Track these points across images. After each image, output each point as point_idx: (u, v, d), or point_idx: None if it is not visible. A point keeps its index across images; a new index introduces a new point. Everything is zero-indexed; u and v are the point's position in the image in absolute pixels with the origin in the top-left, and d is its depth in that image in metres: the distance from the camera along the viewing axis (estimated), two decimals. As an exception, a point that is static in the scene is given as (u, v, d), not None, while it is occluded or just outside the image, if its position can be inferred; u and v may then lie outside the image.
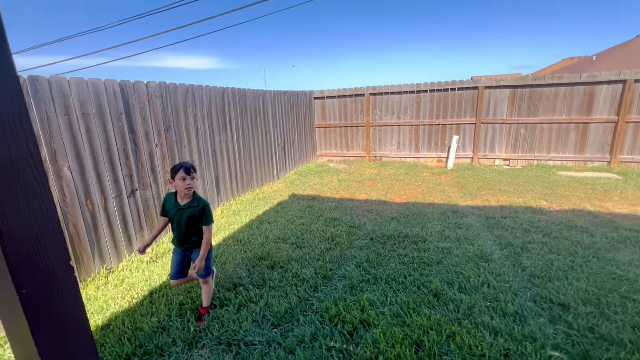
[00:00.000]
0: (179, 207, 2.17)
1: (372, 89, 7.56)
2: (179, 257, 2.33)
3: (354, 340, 2.07)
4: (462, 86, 6.92)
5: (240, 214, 4.57)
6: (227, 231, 3.98)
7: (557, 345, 1.92)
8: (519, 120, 6.72)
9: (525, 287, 2.55)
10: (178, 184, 2.13)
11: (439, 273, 2.81)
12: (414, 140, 7.58)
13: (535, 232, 3.54)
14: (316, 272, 2.93)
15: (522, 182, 5.55)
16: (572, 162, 6.56)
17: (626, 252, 3.04)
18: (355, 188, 5.75)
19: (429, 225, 3.89)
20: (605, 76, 6.04)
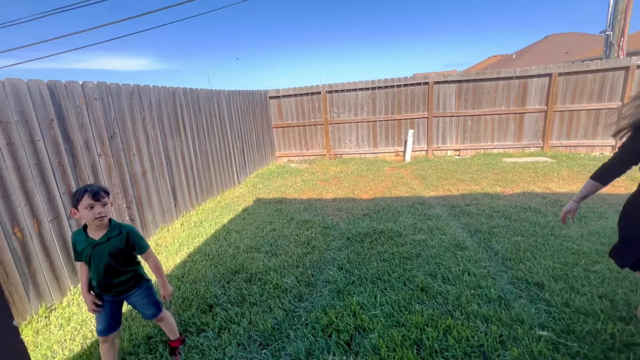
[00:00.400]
0: (95, 243, 1.66)
1: (328, 87, 7.53)
2: (109, 306, 1.78)
3: (353, 349, 1.95)
4: (413, 82, 7.21)
5: (204, 224, 4.20)
6: (192, 245, 3.61)
7: (542, 325, 2.01)
8: (466, 113, 7.20)
9: (501, 271, 2.67)
10: (84, 215, 1.61)
11: (420, 266, 2.82)
12: (372, 136, 7.73)
13: (498, 217, 3.76)
14: (298, 280, 2.77)
15: (475, 170, 5.94)
16: (513, 149, 7.22)
17: (575, 228, 3.36)
18: (321, 187, 5.65)
19: (401, 219, 3.94)
20: (535, 70, 6.72)
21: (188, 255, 3.38)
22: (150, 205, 3.77)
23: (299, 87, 7.70)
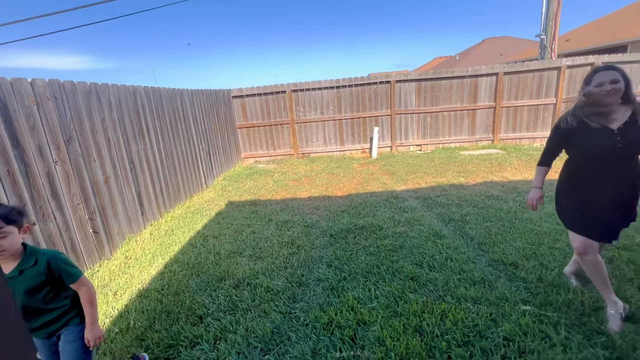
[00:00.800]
0: (5, 278, 1.32)
1: (293, 86, 7.48)
2: (45, 352, 1.48)
3: (358, 343, 1.97)
4: (376, 81, 7.45)
5: (176, 232, 3.93)
6: (166, 255, 3.37)
7: (524, 300, 2.21)
8: (425, 110, 7.61)
9: (479, 255, 2.87)
10: None
11: (406, 257, 2.93)
12: (339, 134, 7.84)
13: (466, 205, 4.04)
14: (289, 281, 2.72)
15: (438, 163, 6.31)
16: (468, 143, 7.79)
17: (533, 212, 3.72)
18: (294, 187, 5.60)
19: (379, 213, 4.05)
20: (484, 70, 7.32)
21: (164, 266, 3.14)
22: (115, 215, 3.44)
23: (263, 86, 7.55)
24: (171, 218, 4.41)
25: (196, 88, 5.67)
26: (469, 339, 1.91)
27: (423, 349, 1.85)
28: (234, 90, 7.54)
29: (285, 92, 7.51)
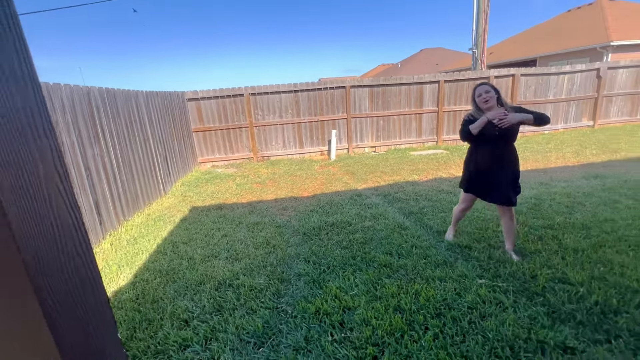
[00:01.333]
0: None
1: (251, 89, 7.47)
2: None
3: (347, 326, 2.15)
4: (332, 86, 7.78)
5: (140, 241, 3.73)
6: (134, 265, 3.20)
7: (480, 275, 2.59)
8: (378, 114, 8.15)
9: (439, 241, 3.25)
10: None
11: (377, 248, 3.19)
12: (298, 137, 8.00)
13: (422, 200, 4.48)
14: (270, 278, 2.80)
15: (392, 163, 6.82)
16: (416, 144, 8.50)
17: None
18: (259, 190, 5.62)
19: (346, 210, 4.30)
20: (427, 78, 8.08)
21: (134, 276, 3.00)
22: (71, 226, 3.17)
23: (220, 89, 7.40)
24: (131, 226, 4.16)
25: (151, 90, 5.39)
26: (440, 311, 2.20)
27: (404, 323, 2.10)
28: (189, 92, 7.27)
29: (243, 95, 7.46)
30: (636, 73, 8.95)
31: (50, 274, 0.50)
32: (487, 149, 2.70)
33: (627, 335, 1.87)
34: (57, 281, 0.52)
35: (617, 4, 15.95)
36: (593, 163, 5.79)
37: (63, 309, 0.52)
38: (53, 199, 0.56)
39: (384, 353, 1.90)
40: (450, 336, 1.98)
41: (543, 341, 1.87)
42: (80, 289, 0.56)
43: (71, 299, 0.54)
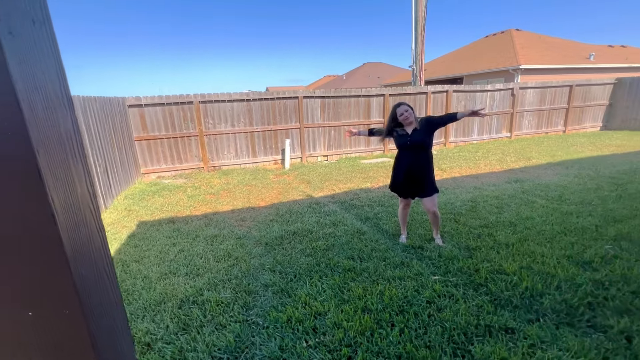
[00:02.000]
0: None
1: (201, 97, 7.21)
2: None
3: (319, 331, 2.23)
4: (285, 96, 7.87)
5: (81, 262, 3.36)
6: (77, 289, 2.88)
7: (433, 272, 2.88)
8: (330, 124, 8.45)
9: (395, 244, 3.52)
10: None
11: (339, 253, 3.33)
12: (251, 146, 7.91)
13: (376, 205, 4.78)
14: (237, 291, 2.76)
15: (345, 171, 7.11)
16: (365, 153, 8.98)
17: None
18: (213, 201, 5.43)
19: (305, 218, 4.39)
20: (374, 91, 8.64)
21: (80, 301, 2.70)
22: None
23: (166, 96, 7.00)
24: (69, 247, 3.71)
25: (88, 95, 4.90)
26: (403, 308, 2.40)
27: (373, 322, 2.25)
28: (130, 98, 6.75)
29: (192, 103, 7.16)
30: (541, 93, 10.66)
31: (84, 270, 0.54)
32: (405, 155, 3.25)
33: (551, 313, 2.25)
34: (90, 282, 0.56)
35: (523, 34, 18.83)
36: (513, 169, 6.74)
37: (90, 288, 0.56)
38: (87, 216, 0.58)
39: (357, 352, 2.02)
40: (414, 329, 2.17)
41: (489, 325, 2.16)
42: (103, 285, 0.61)
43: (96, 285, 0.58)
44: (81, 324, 0.51)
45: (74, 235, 0.51)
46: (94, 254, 0.58)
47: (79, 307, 0.51)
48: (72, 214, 0.52)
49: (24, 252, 0.46)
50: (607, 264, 2.83)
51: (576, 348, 1.91)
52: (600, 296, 2.39)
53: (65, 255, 0.48)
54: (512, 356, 1.89)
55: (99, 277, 0.59)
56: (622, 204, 4.27)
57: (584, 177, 5.74)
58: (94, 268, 0.57)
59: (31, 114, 0.46)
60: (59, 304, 0.49)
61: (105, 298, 0.60)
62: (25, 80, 0.45)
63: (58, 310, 0.49)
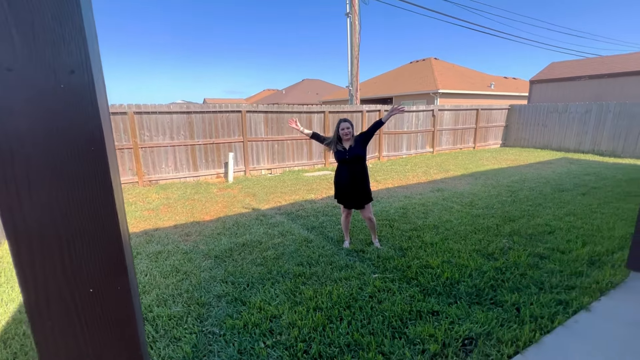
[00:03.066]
0: None
1: (136, 107, 6.82)
2: None
3: (276, 332, 2.39)
4: (227, 110, 7.88)
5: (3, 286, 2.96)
6: (2, 317, 2.56)
7: (373, 271, 3.26)
8: (273, 138, 8.66)
9: (339, 249, 3.85)
10: None
11: (289, 261, 3.54)
12: (192, 160, 7.67)
13: (321, 215, 5.10)
14: (188, 304, 2.77)
15: (289, 184, 7.35)
16: (308, 166, 9.36)
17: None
18: (153, 217, 5.17)
19: (253, 230, 4.49)
20: (315, 108, 9.14)
21: (3, 332, 2.42)
22: None
23: (94, 105, 6.46)
24: (-22, 275, 3.22)
25: None
26: (350, 304, 2.70)
27: (324, 318, 2.49)
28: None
29: (126, 114, 6.72)
30: (455, 114, 12.42)
31: (128, 257, 0.69)
32: (343, 168, 3.63)
33: (465, 296, 2.78)
34: (130, 266, 0.71)
35: (440, 62, 21.67)
36: (435, 180, 7.76)
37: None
38: (122, 212, 0.74)
39: (311, 346, 2.23)
40: (360, 320, 2.48)
41: (420, 310, 2.58)
42: (133, 269, 0.76)
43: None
44: (128, 299, 0.67)
45: (124, 227, 0.67)
46: (128, 244, 0.74)
47: (127, 284, 0.67)
48: (121, 209, 0.68)
49: (95, 240, 0.61)
50: (504, 254, 3.55)
51: (482, 320, 2.42)
52: (499, 279, 3.02)
53: (122, 242, 0.65)
54: (437, 332, 2.31)
55: (131, 263, 0.74)
56: (515, 206, 5.30)
57: (488, 186, 6.91)
58: (130, 256, 0.73)
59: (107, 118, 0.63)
60: (115, 282, 0.65)
61: (134, 281, 0.75)
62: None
63: (113, 287, 0.65)
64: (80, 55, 0.57)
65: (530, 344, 2.19)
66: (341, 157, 3.59)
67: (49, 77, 0.54)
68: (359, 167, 3.59)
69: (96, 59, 0.63)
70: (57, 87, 0.55)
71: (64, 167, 0.57)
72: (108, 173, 0.63)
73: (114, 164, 0.65)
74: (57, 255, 0.60)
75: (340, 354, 2.15)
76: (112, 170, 0.64)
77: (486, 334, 2.30)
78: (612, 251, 3.57)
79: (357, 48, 10.29)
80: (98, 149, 0.60)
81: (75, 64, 0.56)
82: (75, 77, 0.57)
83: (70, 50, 0.56)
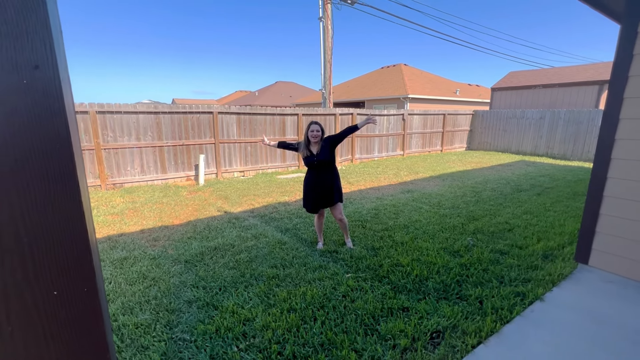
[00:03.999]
0: None
1: (98, 107, 6.45)
2: None
3: (250, 335, 2.37)
4: (198, 110, 7.67)
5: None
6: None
7: (347, 271, 3.32)
8: (246, 140, 8.54)
9: (313, 250, 3.87)
10: None
11: (262, 263, 3.51)
12: (160, 162, 7.38)
13: (295, 217, 5.10)
14: (157, 311, 2.67)
15: (263, 186, 7.28)
16: (281, 168, 9.32)
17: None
18: (117, 222, 4.91)
19: (226, 234, 4.41)
20: (288, 111, 9.14)
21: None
22: None
23: (51, 103, 6.04)
24: None
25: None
26: (323, 304, 2.74)
27: (298, 319, 2.51)
28: None
29: (87, 113, 6.34)
30: (424, 119, 12.93)
31: (96, 258, 0.68)
32: (313, 174, 3.64)
33: (433, 292, 2.90)
34: (98, 268, 0.70)
35: (409, 68, 22.46)
36: (406, 182, 8.02)
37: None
38: (88, 213, 0.72)
39: (285, 347, 2.24)
40: (333, 320, 2.52)
41: (391, 307, 2.67)
42: (100, 271, 0.75)
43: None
44: (96, 303, 0.66)
45: (91, 229, 0.66)
46: (95, 246, 0.72)
47: (95, 287, 0.65)
48: (88, 209, 0.66)
49: (61, 241, 0.60)
50: (469, 251, 3.75)
51: (449, 314, 2.54)
52: (464, 275, 3.19)
53: (89, 244, 0.63)
54: (407, 327, 2.39)
55: (99, 265, 0.73)
56: (478, 206, 5.61)
57: (454, 187, 7.25)
58: (97, 257, 0.71)
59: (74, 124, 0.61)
60: (82, 284, 0.63)
61: (102, 284, 0.73)
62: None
63: (80, 290, 0.63)
64: (45, 50, 0.56)
65: (492, 334, 2.33)
66: (310, 161, 3.60)
67: (11, 73, 0.52)
68: (328, 170, 3.62)
69: (61, 54, 0.61)
70: (20, 82, 0.54)
71: (27, 166, 0.55)
72: (74, 172, 0.61)
73: (80, 163, 0.64)
74: (17, 256, 0.57)
75: (315, 354, 2.17)
76: (79, 170, 0.63)
77: (452, 327, 2.42)
78: (563, 246, 3.89)
79: (330, 52, 10.43)
80: (64, 147, 0.59)
81: (40, 59, 0.55)
82: (40, 72, 0.55)
83: (34, 44, 0.54)
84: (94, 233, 0.68)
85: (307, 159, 3.59)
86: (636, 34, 2.73)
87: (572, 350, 2.17)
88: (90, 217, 0.67)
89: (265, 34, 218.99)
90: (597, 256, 3.17)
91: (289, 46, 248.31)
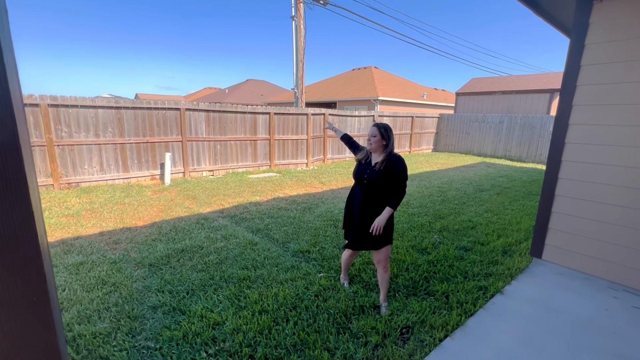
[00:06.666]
0: None
1: (51, 99, 5.94)
2: None
3: (219, 339, 2.29)
4: (164, 106, 7.32)
5: None
6: None
7: (319, 271, 3.32)
8: (215, 138, 8.28)
9: (285, 250, 3.84)
10: None
11: (233, 265, 3.42)
12: (122, 160, 6.94)
13: (266, 217, 5.03)
14: (117, 319, 2.51)
15: (233, 186, 7.10)
16: (252, 168, 9.15)
17: (309, 215, 5.23)
18: (72, 224, 4.56)
19: (194, 235, 4.24)
20: (260, 109, 8.99)
21: None
22: None
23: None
24: None
25: None
26: (296, 304, 2.71)
27: (270, 321, 2.47)
28: None
29: (38, 106, 5.81)
30: (393, 120, 13.28)
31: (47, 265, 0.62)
32: (357, 189, 2.60)
33: (403, 288, 2.99)
34: (50, 276, 0.64)
35: (379, 71, 22.99)
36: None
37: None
38: (39, 216, 0.66)
39: (257, 350, 2.19)
40: (306, 320, 2.51)
41: (362, 305, 2.70)
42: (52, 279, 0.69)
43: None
44: (47, 311, 0.60)
45: (41, 230, 0.59)
46: (46, 248, 0.65)
47: (46, 294, 0.59)
48: (38, 208, 0.60)
49: (7, 243, 0.53)
50: (435, 248, 3.90)
51: (417, 309, 2.63)
52: (432, 271, 3.31)
53: (38, 246, 0.57)
54: (378, 324, 2.44)
55: (50, 269, 0.66)
56: (444, 205, 5.86)
57: (422, 187, 7.53)
58: (49, 262, 0.65)
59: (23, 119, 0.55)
60: (30, 291, 0.57)
61: (53, 290, 0.67)
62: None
63: (30, 298, 0.56)
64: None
65: (458, 327, 2.44)
66: (360, 174, 2.55)
67: (-56, 54, 0.46)
68: (377, 196, 2.49)
69: (6, 37, 0.55)
70: (-44, 66, 0.47)
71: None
72: (22, 169, 0.55)
73: (29, 159, 0.58)
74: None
75: (287, 355, 2.15)
76: (27, 166, 0.57)
77: (421, 322, 2.50)
78: (520, 242, 4.17)
79: (302, 51, 10.40)
80: (10, 141, 0.53)
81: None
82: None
83: (-27, 24, 0.48)
84: (45, 236, 0.62)
85: (360, 167, 2.58)
86: (583, 46, 2.99)
87: (530, 338, 2.32)
88: (41, 219, 0.61)
89: (236, 32, 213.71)
90: (549, 251, 3.43)
91: (261, 43, 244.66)
